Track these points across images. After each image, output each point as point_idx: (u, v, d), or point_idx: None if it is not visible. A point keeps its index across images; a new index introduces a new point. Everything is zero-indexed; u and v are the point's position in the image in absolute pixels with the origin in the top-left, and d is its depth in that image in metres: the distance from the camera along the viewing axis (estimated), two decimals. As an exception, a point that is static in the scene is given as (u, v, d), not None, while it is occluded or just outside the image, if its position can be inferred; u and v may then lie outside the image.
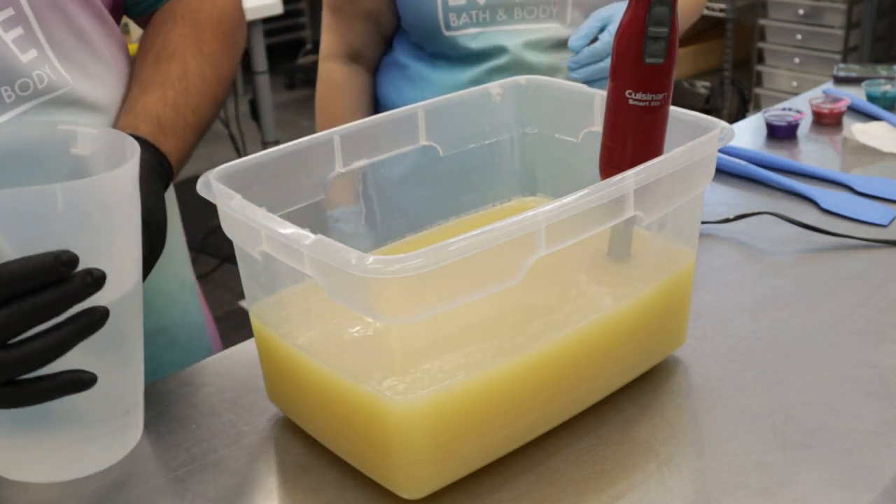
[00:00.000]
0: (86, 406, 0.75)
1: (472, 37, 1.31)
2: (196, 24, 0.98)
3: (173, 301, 1.04)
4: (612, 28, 1.24)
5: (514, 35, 1.31)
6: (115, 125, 0.91)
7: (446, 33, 1.31)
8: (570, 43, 1.25)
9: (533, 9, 1.30)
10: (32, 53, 0.83)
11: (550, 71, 1.29)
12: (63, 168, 0.79)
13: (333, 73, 1.44)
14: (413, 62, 1.38)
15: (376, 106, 1.46)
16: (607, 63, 1.22)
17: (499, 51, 1.31)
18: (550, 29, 1.31)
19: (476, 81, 1.29)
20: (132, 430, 0.81)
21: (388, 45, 1.44)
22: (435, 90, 1.33)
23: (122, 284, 0.74)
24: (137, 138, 0.87)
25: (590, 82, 1.23)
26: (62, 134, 0.80)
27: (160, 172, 0.87)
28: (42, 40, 0.84)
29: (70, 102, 0.87)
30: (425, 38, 1.35)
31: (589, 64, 1.23)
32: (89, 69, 0.89)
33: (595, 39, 1.24)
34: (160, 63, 0.94)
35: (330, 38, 1.43)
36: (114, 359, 0.76)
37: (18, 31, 0.82)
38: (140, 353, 0.80)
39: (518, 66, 1.30)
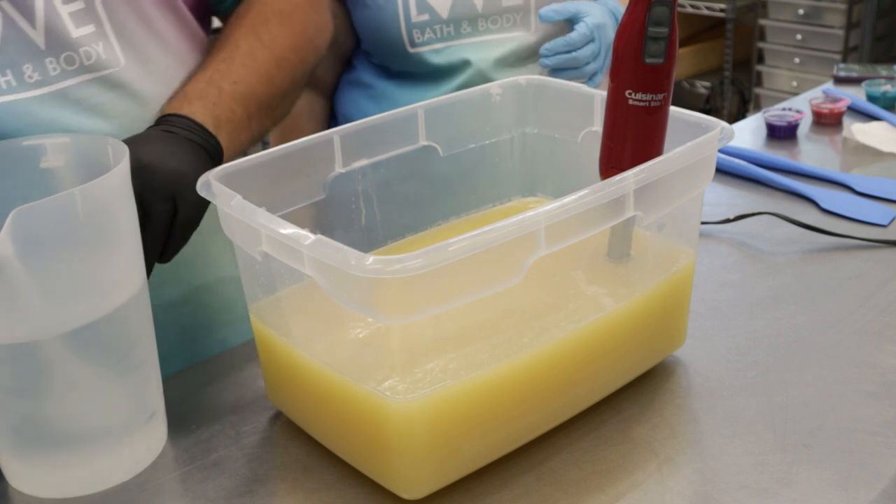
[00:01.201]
0: (104, 418, 0.75)
1: (437, 52, 1.29)
2: (261, 14, 0.98)
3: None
4: (589, 21, 1.25)
5: (480, 48, 1.30)
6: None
7: (411, 50, 1.29)
8: (540, 13, 1.26)
9: (497, 19, 1.29)
10: (89, 28, 0.84)
11: None
12: (31, 182, 0.78)
13: None
14: (378, 81, 1.36)
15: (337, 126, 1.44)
16: (579, 54, 1.24)
17: (464, 65, 1.29)
18: (516, 38, 1.31)
19: None
20: (156, 435, 0.81)
21: (346, 64, 1.42)
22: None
23: (128, 288, 0.74)
24: (163, 119, 0.86)
25: (560, 71, 1.25)
26: (29, 147, 0.79)
27: (176, 132, 0.85)
28: (103, 17, 0.85)
29: (116, 85, 0.87)
30: (389, 58, 1.33)
31: (560, 53, 1.24)
32: (150, 56, 0.89)
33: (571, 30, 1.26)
34: (212, 53, 0.95)
35: None
36: (127, 366, 0.75)
37: (79, 4, 0.83)
38: (154, 355, 0.79)
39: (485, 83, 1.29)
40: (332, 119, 1.44)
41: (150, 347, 0.78)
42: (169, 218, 0.80)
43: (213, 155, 0.87)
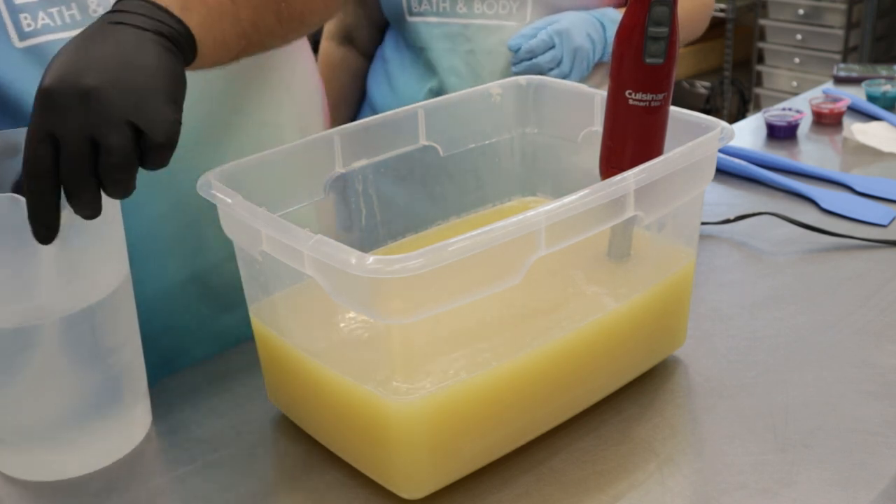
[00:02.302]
0: (87, 403, 0.76)
1: (432, 26, 1.34)
2: None
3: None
4: (551, 29, 1.28)
5: (472, 32, 1.32)
6: None
7: (409, 18, 1.35)
8: (508, 42, 1.30)
9: (493, 4, 1.32)
10: None
11: None
12: None
13: (329, 53, 1.52)
14: (393, 55, 1.42)
15: (364, 95, 1.50)
16: (540, 60, 1.27)
17: (455, 46, 1.33)
18: (508, 29, 1.32)
19: (434, 93, 1.33)
20: (140, 422, 0.81)
21: (381, 36, 1.49)
22: (401, 88, 1.38)
23: (118, 272, 0.75)
24: (114, 7, 0.71)
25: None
26: None
27: (128, 23, 0.68)
28: None
29: None
30: (396, 25, 1.40)
31: (524, 60, 1.28)
32: None
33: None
34: None
35: None
36: (109, 352, 0.76)
37: None
38: (137, 342, 0.80)
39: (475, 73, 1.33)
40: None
41: (133, 334, 0.79)
42: (131, 145, 0.65)
43: (180, 45, 0.71)
